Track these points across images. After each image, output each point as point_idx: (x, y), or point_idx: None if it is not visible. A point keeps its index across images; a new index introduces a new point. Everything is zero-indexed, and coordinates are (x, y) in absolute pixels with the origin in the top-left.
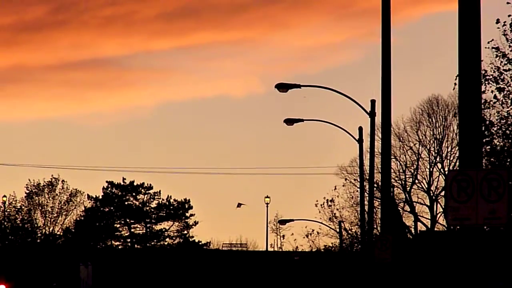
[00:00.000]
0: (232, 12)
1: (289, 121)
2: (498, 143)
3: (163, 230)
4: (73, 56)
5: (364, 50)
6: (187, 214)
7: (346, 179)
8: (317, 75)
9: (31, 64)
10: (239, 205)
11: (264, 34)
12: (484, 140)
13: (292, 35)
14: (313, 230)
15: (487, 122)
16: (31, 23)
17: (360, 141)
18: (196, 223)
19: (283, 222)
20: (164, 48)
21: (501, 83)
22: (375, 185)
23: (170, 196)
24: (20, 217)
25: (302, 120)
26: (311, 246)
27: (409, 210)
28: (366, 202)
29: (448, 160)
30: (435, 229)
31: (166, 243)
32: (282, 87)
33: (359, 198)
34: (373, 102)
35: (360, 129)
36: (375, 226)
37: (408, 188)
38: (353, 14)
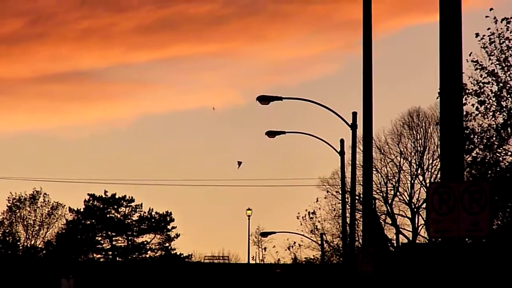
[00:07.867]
0: (211, 24)
1: (271, 134)
2: (479, 154)
3: (145, 242)
4: (51, 68)
5: (343, 62)
6: (169, 227)
7: (327, 191)
8: (297, 87)
9: (9, 76)
10: (239, 164)
11: (243, 46)
12: (465, 148)
13: (271, 47)
14: (294, 243)
15: (469, 131)
16: (9, 36)
17: (341, 153)
18: (177, 235)
19: (264, 234)
20: (143, 61)
21: (481, 96)
22: (357, 197)
23: (152, 209)
24: (2, 230)
25: (284, 133)
26: (292, 259)
27: (390, 222)
28: (347, 215)
29: (430, 172)
30: (417, 241)
31: (147, 256)
32: (264, 99)
33: (341, 211)
34: (354, 114)
35: (342, 141)
36: (357, 239)
37: (390, 201)
38: (332, 26)
